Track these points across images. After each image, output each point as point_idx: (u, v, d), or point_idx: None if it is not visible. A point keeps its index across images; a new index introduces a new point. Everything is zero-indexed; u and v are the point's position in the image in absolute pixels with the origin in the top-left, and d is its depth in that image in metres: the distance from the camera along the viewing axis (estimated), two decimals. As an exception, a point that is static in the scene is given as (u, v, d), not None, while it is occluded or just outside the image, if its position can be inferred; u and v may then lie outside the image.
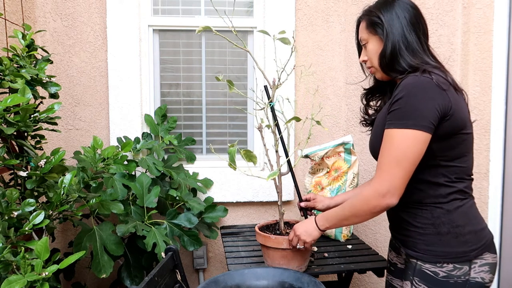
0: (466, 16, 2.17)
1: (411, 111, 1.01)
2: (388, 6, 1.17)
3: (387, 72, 1.18)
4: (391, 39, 1.13)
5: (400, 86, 1.06)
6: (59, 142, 2.11)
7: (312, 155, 1.86)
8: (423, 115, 1.01)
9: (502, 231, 2.21)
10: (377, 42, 1.18)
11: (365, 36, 1.20)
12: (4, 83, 1.37)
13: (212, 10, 2.20)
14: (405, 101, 1.02)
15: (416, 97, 1.02)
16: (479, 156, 2.21)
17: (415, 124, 1.01)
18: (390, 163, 1.04)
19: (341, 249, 1.74)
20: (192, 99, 2.27)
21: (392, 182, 1.04)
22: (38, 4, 2.04)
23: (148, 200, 1.81)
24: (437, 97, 1.02)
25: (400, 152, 1.02)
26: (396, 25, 1.14)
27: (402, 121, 1.02)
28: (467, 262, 1.08)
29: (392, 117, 1.05)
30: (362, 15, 1.23)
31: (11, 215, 1.20)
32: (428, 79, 1.04)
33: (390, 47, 1.13)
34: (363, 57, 1.24)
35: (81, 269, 2.13)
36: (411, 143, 1.02)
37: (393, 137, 1.04)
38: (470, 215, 1.13)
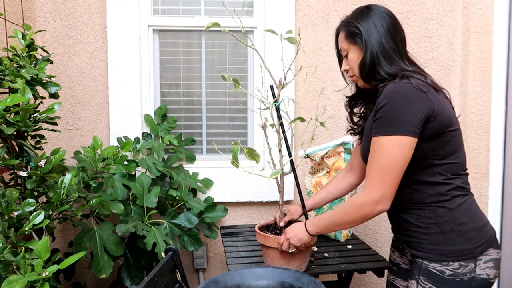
0: (466, 16, 2.17)
1: (394, 118, 1.04)
2: (365, 15, 1.19)
3: (367, 81, 1.20)
4: (370, 49, 1.16)
5: (382, 94, 1.08)
6: (59, 142, 2.11)
7: (312, 155, 1.86)
8: (406, 121, 1.03)
9: (502, 231, 2.21)
10: (357, 52, 1.20)
11: (345, 46, 1.23)
12: (4, 83, 1.37)
13: (212, 10, 2.20)
14: (387, 109, 1.05)
15: (398, 103, 1.04)
16: (479, 156, 2.21)
17: (399, 130, 1.04)
18: (379, 171, 1.07)
19: (341, 249, 1.74)
20: (192, 99, 2.27)
21: (383, 189, 1.07)
22: (38, 4, 2.04)
23: (148, 200, 1.81)
24: (419, 101, 1.05)
25: (388, 159, 1.05)
26: (374, 35, 1.16)
27: (386, 128, 1.05)
28: (472, 259, 1.09)
29: (376, 125, 1.08)
30: (340, 25, 1.26)
31: (11, 215, 1.20)
32: (408, 84, 1.06)
33: (369, 57, 1.16)
34: (345, 66, 1.27)
35: (81, 269, 2.13)
36: (397, 149, 1.05)
37: (379, 145, 1.07)
38: (472, 212, 1.14)
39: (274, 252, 1.38)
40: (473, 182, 2.21)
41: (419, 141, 1.07)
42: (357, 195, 1.13)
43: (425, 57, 2.21)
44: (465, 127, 2.21)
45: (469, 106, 2.19)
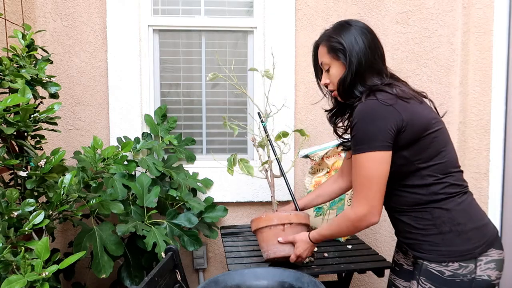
0: (466, 16, 2.17)
1: (364, 136, 1.09)
2: (347, 31, 1.19)
3: (344, 98, 1.23)
4: (351, 67, 1.17)
5: (353, 114, 1.13)
6: (59, 142, 2.11)
7: (312, 155, 1.86)
8: (375, 137, 1.08)
9: (502, 231, 2.21)
10: (339, 68, 1.21)
11: (327, 61, 1.23)
12: (4, 83, 1.37)
13: (212, 10, 2.20)
14: (357, 127, 1.10)
15: (366, 121, 1.08)
16: (479, 156, 2.21)
17: (371, 147, 1.08)
18: (362, 186, 1.12)
19: (341, 249, 1.74)
20: (192, 99, 2.27)
21: (368, 203, 1.12)
22: (38, 4, 2.04)
23: (148, 200, 1.81)
24: (385, 115, 1.08)
25: (366, 174, 1.10)
26: (355, 52, 1.17)
27: (359, 146, 1.10)
28: (473, 259, 1.09)
29: (352, 143, 1.14)
30: (321, 39, 1.26)
31: (11, 215, 1.20)
32: (373, 101, 1.10)
33: (350, 76, 1.18)
34: (325, 80, 1.27)
35: (81, 269, 2.13)
36: (372, 164, 1.09)
37: (357, 162, 1.12)
38: (470, 212, 1.14)
39: (268, 232, 1.42)
40: (473, 182, 2.21)
41: (398, 150, 1.11)
42: (348, 211, 1.18)
43: (425, 57, 2.21)
44: (465, 127, 2.21)
45: (469, 106, 2.19)
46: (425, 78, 2.21)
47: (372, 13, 2.17)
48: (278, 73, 2.14)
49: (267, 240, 1.43)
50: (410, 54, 2.20)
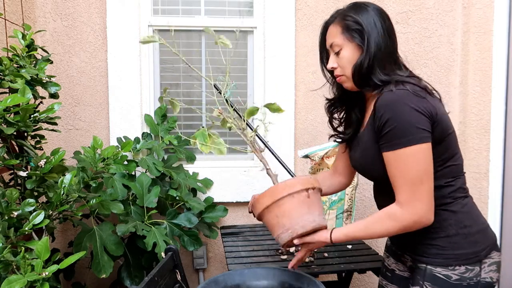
0: (466, 16, 2.17)
1: (405, 128, 1.00)
2: (365, 11, 1.10)
3: (359, 84, 1.12)
4: (369, 50, 1.07)
5: (380, 106, 1.03)
6: (59, 142, 2.11)
7: (312, 155, 1.86)
8: (418, 127, 1.00)
9: (502, 231, 2.21)
10: (354, 50, 1.10)
11: (340, 42, 1.11)
12: (4, 83, 1.37)
13: (212, 10, 2.20)
14: (394, 120, 1.00)
15: (403, 113, 1.00)
16: (479, 156, 2.21)
17: (415, 139, 1.00)
18: (412, 185, 1.01)
19: (341, 249, 1.74)
20: (192, 99, 2.27)
21: (424, 202, 1.02)
22: (38, 4, 2.04)
23: (148, 200, 1.81)
24: (421, 106, 1.01)
25: (416, 170, 1.01)
26: (374, 35, 1.08)
27: (401, 140, 1.00)
28: (478, 262, 1.07)
29: (388, 139, 1.02)
30: (334, 18, 1.14)
31: (11, 215, 1.20)
32: (405, 91, 1.02)
33: (367, 60, 1.07)
34: (332, 63, 1.15)
35: (81, 269, 2.13)
36: (421, 157, 1.00)
37: (401, 159, 1.01)
38: (474, 214, 1.12)
39: (291, 200, 1.10)
40: (473, 182, 2.21)
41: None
42: (398, 212, 1.04)
43: (425, 57, 2.21)
44: (465, 127, 2.21)
45: (469, 106, 2.19)
46: (425, 78, 2.18)
47: (372, 13, 2.17)
48: (278, 73, 2.15)
49: (290, 213, 1.10)
50: (410, 54, 2.20)
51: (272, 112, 1.27)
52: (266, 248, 1.75)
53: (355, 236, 1.11)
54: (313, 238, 1.13)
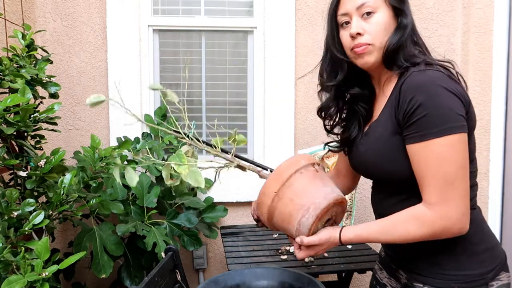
0: (466, 16, 2.17)
1: (443, 114, 0.83)
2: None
3: (388, 60, 0.94)
4: (410, 19, 0.93)
5: (409, 88, 0.86)
6: (59, 142, 2.11)
7: (312, 155, 1.86)
8: (458, 114, 0.84)
9: (502, 231, 2.21)
10: (390, 16, 0.93)
11: (375, 3, 0.92)
12: (4, 83, 1.37)
13: (212, 10, 2.20)
14: (429, 105, 0.83)
15: (440, 96, 0.83)
16: (479, 156, 2.19)
17: (453, 127, 0.83)
18: (447, 183, 0.84)
19: (341, 249, 1.74)
20: (192, 99, 2.27)
21: (459, 204, 0.85)
22: (38, 4, 2.04)
23: (148, 200, 1.81)
24: (457, 91, 0.86)
25: (452, 165, 0.84)
26: (408, 7, 0.94)
27: (437, 128, 0.83)
28: (484, 285, 0.92)
29: (419, 128, 0.84)
30: None
31: (11, 215, 1.20)
32: (440, 73, 0.86)
33: (407, 31, 0.93)
34: (358, 28, 0.93)
35: (81, 269, 2.13)
36: (459, 149, 0.84)
37: (435, 151, 0.84)
38: (484, 230, 0.97)
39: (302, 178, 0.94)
40: (473, 182, 2.21)
41: None
42: (426, 214, 0.87)
43: (425, 57, 2.21)
44: (465, 127, 2.21)
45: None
46: (425, 78, 2.21)
47: (372, 13, 2.17)
48: (278, 73, 2.15)
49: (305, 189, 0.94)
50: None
51: (236, 144, 1.12)
52: (266, 248, 1.75)
53: (368, 238, 0.93)
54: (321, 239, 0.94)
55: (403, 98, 0.87)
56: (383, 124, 0.95)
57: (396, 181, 0.95)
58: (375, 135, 0.97)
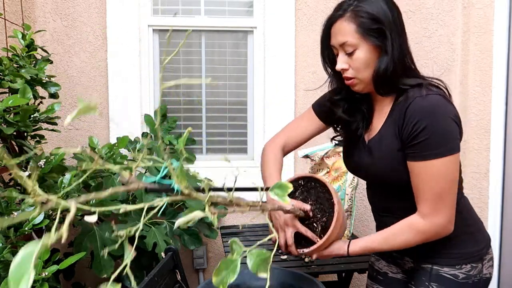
0: (466, 16, 2.17)
1: (442, 138, 0.94)
2: (380, 4, 0.99)
3: (381, 91, 1.02)
4: (394, 53, 0.97)
5: (415, 113, 0.94)
6: (59, 142, 2.11)
7: (312, 155, 1.86)
8: (454, 137, 0.95)
9: (502, 231, 2.21)
10: (371, 51, 0.98)
11: (354, 41, 0.98)
12: (3, 83, 1.37)
13: (212, 10, 2.20)
14: (431, 130, 0.93)
15: (440, 121, 0.94)
16: (479, 156, 2.21)
17: (450, 149, 0.94)
18: (440, 196, 0.97)
19: (341, 249, 1.74)
20: (192, 99, 2.27)
21: (450, 211, 0.99)
22: (38, 4, 2.04)
23: (147, 200, 1.81)
24: (454, 113, 0.96)
25: (446, 181, 0.96)
26: (395, 33, 0.98)
27: (437, 150, 0.94)
28: (480, 260, 1.08)
29: (421, 149, 0.95)
30: (344, 11, 1.00)
31: (10, 215, 1.20)
32: (438, 97, 0.96)
33: (393, 64, 0.97)
34: (343, 65, 1.01)
35: (81, 269, 2.13)
36: (451, 168, 0.96)
37: (433, 169, 0.95)
38: (473, 213, 1.13)
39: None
40: (473, 182, 2.21)
41: None
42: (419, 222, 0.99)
43: (425, 57, 2.21)
44: (465, 127, 2.19)
45: (469, 106, 2.19)
46: (425, 78, 2.21)
47: (372, 13, 2.17)
48: (278, 73, 2.14)
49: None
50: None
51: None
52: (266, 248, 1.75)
53: (373, 249, 1.06)
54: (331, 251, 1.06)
55: (408, 121, 0.96)
56: (388, 142, 1.02)
57: (394, 186, 1.06)
58: (381, 151, 1.05)
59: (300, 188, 1.13)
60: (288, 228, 1.08)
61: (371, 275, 1.29)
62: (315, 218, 1.08)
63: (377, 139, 1.06)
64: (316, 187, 1.11)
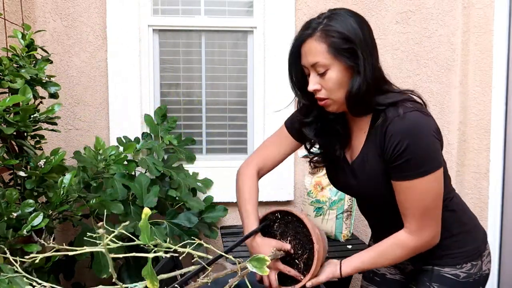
0: (466, 16, 2.17)
1: (424, 157, 0.93)
2: (351, 24, 0.95)
3: (354, 111, 1.00)
4: (366, 73, 0.94)
5: (396, 133, 0.93)
6: (59, 142, 2.11)
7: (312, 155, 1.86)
8: (436, 154, 0.95)
9: (502, 231, 2.21)
10: (343, 71, 0.95)
11: (326, 62, 0.94)
12: (3, 83, 1.37)
13: (212, 10, 2.20)
14: (413, 150, 0.92)
15: (422, 140, 0.93)
16: (479, 156, 2.21)
17: (434, 167, 0.94)
18: (425, 212, 0.97)
19: (341, 249, 1.74)
20: (192, 99, 2.27)
21: (434, 225, 1.00)
22: (38, 4, 2.04)
23: (147, 200, 1.81)
24: (432, 127, 0.95)
25: (430, 198, 0.96)
26: (367, 53, 0.94)
27: (421, 169, 0.93)
28: (479, 257, 1.08)
29: (405, 169, 0.94)
30: (314, 30, 0.96)
31: (10, 216, 1.20)
32: (416, 114, 0.94)
33: (365, 84, 0.94)
34: (315, 85, 0.98)
35: (81, 269, 2.13)
36: (435, 184, 0.96)
37: (418, 188, 0.95)
38: (467, 210, 1.13)
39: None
40: (473, 182, 2.21)
41: None
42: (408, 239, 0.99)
43: (425, 57, 2.21)
44: (465, 127, 2.21)
45: (469, 106, 2.19)
46: (425, 78, 2.21)
47: (372, 13, 2.17)
48: (278, 73, 2.14)
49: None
50: (410, 54, 2.20)
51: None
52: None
53: (364, 268, 1.06)
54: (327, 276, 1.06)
55: (388, 142, 0.95)
56: (373, 164, 1.01)
57: (382, 204, 1.06)
58: (365, 174, 1.04)
59: (277, 221, 1.14)
60: (271, 272, 1.06)
61: (366, 276, 1.29)
62: (296, 254, 1.09)
63: (361, 161, 1.04)
64: (293, 221, 1.11)
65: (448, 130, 2.22)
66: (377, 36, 1.05)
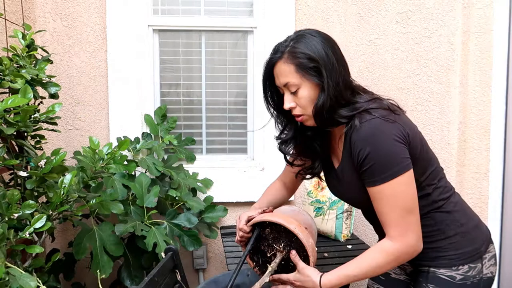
0: (466, 16, 2.17)
1: (386, 162, 0.96)
2: (314, 44, 1.02)
3: (322, 125, 1.05)
4: (329, 89, 1.00)
5: (357, 142, 0.98)
6: (59, 142, 2.11)
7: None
8: (399, 158, 0.97)
9: (502, 231, 2.21)
10: (313, 88, 1.02)
11: (296, 81, 1.02)
12: (4, 83, 1.37)
13: (212, 10, 2.20)
14: (374, 156, 0.96)
15: (381, 145, 0.96)
16: (479, 156, 2.21)
17: (398, 170, 0.96)
18: (401, 216, 0.99)
19: (341, 249, 1.74)
20: (192, 99, 2.27)
21: (415, 231, 1.00)
22: (38, 4, 2.04)
23: (147, 200, 1.81)
24: (395, 132, 0.97)
25: (403, 201, 0.98)
26: (330, 70, 1.00)
27: (386, 174, 0.97)
28: (479, 259, 1.07)
29: (371, 175, 0.99)
30: (282, 53, 1.04)
31: (11, 216, 1.20)
32: (376, 120, 0.97)
33: (328, 100, 1.00)
34: (290, 103, 1.05)
35: (81, 269, 2.13)
36: (405, 187, 0.98)
37: (387, 193, 0.98)
38: (466, 211, 1.12)
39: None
40: (473, 182, 2.21)
41: None
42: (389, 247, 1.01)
43: (425, 57, 2.21)
44: (465, 127, 2.21)
45: (469, 106, 2.19)
46: (425, 78, 2.21)
47: (372, 13, 2.17)
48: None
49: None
50: (410, 54, 2.20)
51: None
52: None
53: (348, 276, 1.03)
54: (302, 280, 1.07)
55: (354, 151, 1.01)
56: (349, 173, 1.07)
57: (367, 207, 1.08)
58: (346, 182, 1.10)
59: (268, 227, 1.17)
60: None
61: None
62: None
63: (341, 170, 1.10)
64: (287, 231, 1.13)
65: (448, 130, 2.23)
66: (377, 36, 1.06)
